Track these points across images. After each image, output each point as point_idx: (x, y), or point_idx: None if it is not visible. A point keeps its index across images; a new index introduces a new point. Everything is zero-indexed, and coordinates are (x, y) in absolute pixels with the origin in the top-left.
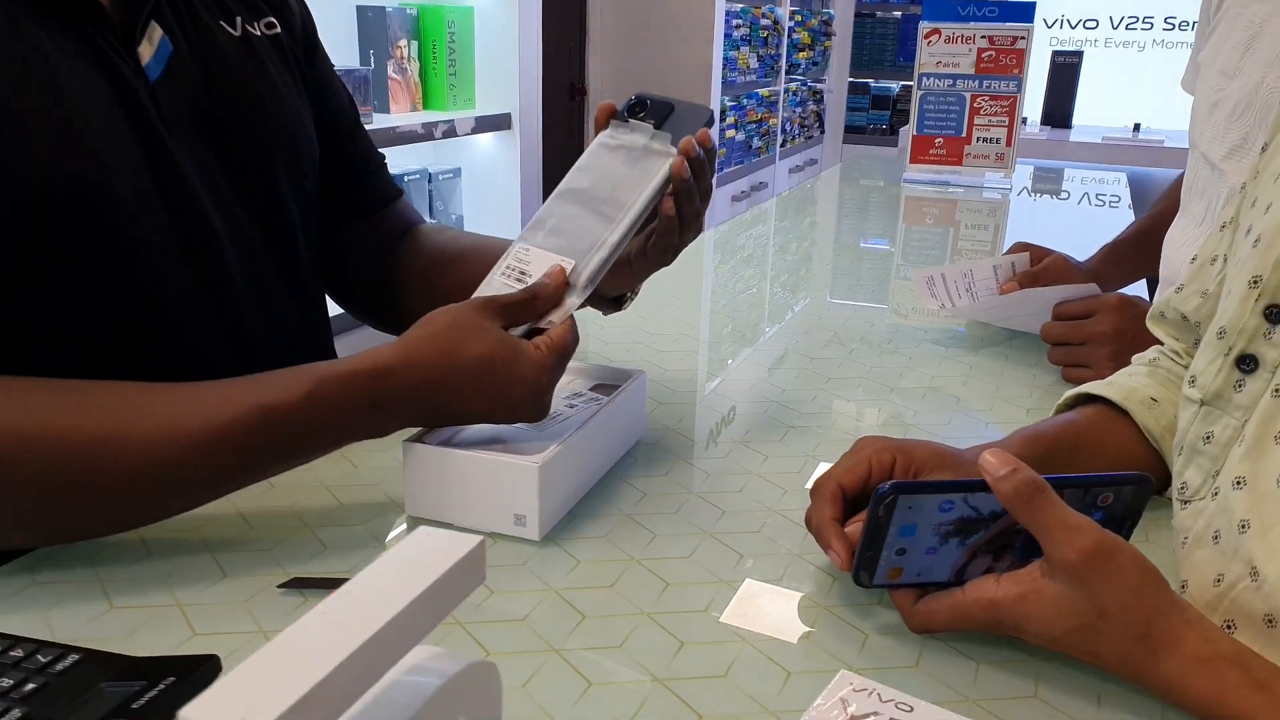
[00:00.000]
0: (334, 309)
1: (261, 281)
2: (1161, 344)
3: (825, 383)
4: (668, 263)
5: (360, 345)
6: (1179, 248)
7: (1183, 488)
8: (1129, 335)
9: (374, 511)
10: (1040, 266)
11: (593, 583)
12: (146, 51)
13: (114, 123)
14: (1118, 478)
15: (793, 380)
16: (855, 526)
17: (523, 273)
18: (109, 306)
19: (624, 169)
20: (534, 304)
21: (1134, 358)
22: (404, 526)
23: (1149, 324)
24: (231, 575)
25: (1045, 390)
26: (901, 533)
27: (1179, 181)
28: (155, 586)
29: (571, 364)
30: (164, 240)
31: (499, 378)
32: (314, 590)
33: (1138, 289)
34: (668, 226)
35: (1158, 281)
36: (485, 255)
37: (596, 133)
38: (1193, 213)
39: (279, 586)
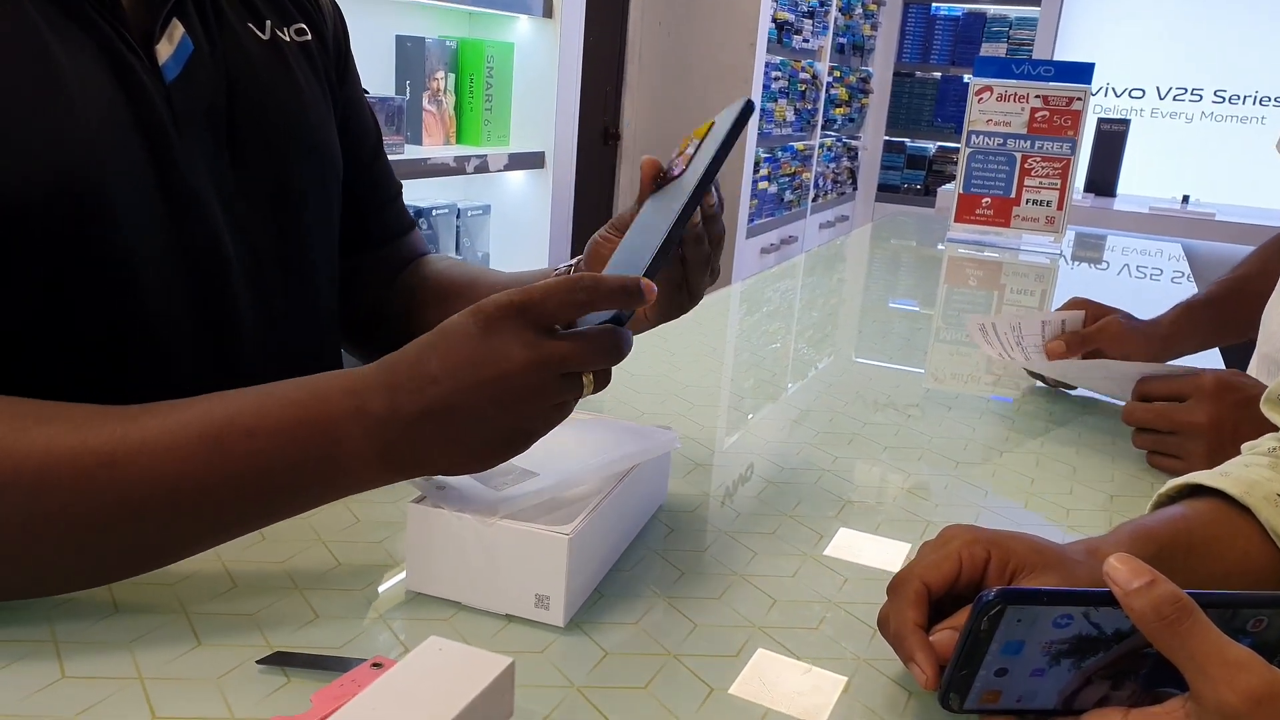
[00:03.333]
0: None
1: (268, 298)
2: (1279, 430)
3: (882, 451)
4: (672, 316)
5: None
6: None
7: None
8: (1229, 427)
9: (375, 574)
10: (1095, 328)
11: (623, 681)
12: (165, 50)
13: (119, 123)
14: (1275, 598)
15: (823, 435)
16: (941, 635)
17: None
18: (88, 317)
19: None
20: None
21: (1245, 446)
22: (406, 598)
23: (1265, 409)
24: (207, 643)
25: (1126, 475)
26: (1005, 650)
27: (1267, 247)
28: (118, 652)
29: (592, 417)
30: (161, 247)
31: (480, 339)
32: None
33: (1211, 356)
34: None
35: (1233, 349)
36: (485, 288)
37: (644, 190)
38: None
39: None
